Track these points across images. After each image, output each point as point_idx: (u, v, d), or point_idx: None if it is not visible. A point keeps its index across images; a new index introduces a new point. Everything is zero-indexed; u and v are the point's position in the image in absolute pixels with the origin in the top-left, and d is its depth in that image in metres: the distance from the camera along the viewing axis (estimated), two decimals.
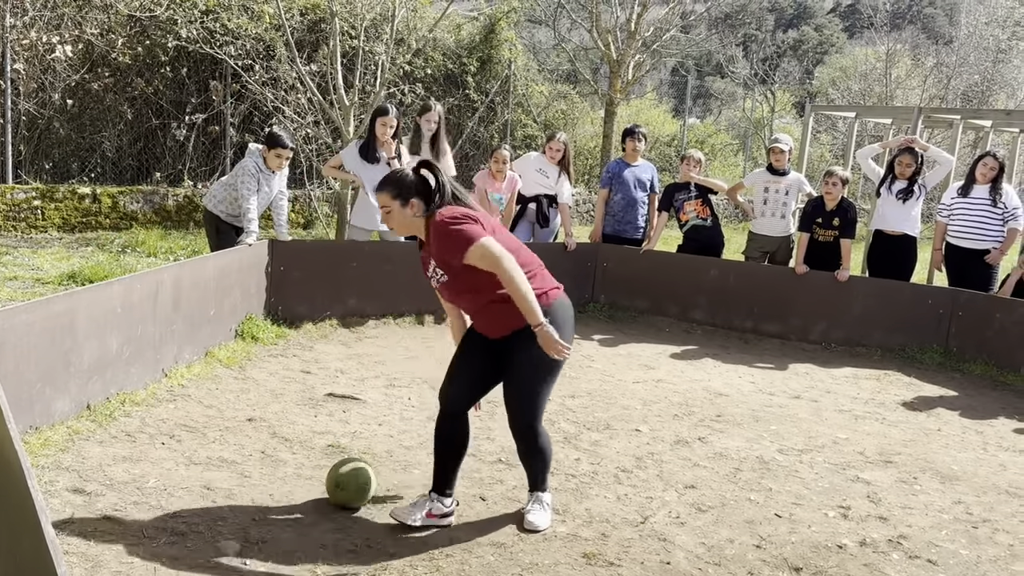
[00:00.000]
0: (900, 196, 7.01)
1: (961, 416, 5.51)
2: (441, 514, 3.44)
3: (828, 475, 4.30)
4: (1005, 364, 6.49)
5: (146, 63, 10.55)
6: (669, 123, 21.53)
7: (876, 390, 6.00)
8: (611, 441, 4.56)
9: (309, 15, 11.47)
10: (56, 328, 3.88)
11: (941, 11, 52.61)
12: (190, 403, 4.57)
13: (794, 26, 57.56)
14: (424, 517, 3.41)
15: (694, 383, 5.83)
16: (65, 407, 3.99)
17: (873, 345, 6.96)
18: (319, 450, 4.11)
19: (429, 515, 3.42)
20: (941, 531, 3.73)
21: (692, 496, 3.91)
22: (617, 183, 7.48)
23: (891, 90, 21.72)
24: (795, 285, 7.16)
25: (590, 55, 19.85)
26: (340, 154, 6.82)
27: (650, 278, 7.58)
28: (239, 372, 5.19)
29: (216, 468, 3.80)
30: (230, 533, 3.22)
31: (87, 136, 10.42)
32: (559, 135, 7.39)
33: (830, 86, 27.56)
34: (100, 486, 3.48)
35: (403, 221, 3.36)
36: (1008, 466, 4.62)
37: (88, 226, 9.92)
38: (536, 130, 15.28)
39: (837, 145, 21.80)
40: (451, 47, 13.80)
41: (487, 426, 4.62)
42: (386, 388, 5.19)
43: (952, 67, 22.43)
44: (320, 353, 5.84)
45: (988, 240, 6.85)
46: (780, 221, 7.36)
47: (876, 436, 4.97)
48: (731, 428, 4.93)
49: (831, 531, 3.64)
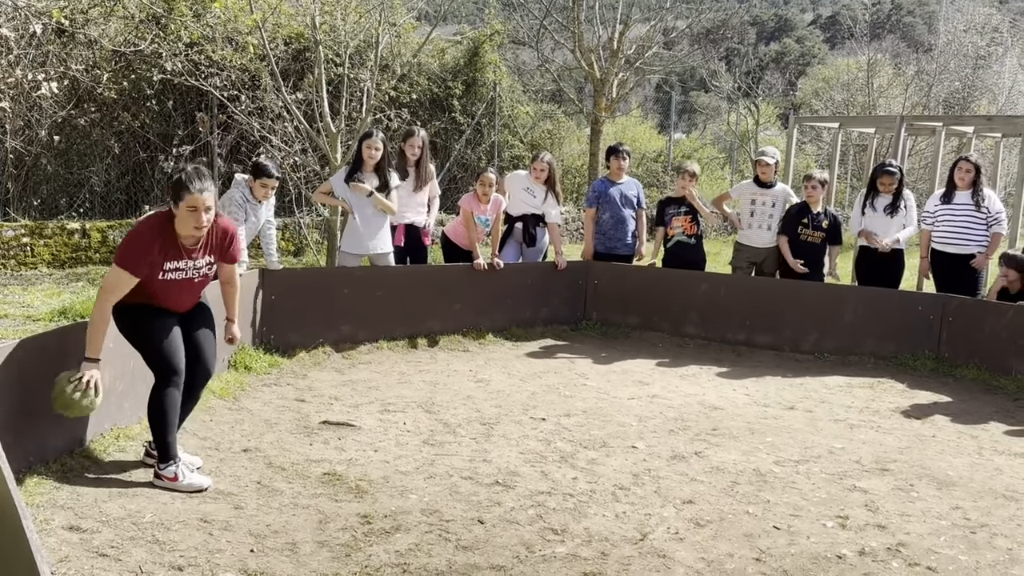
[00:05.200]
0: (887, 211, 7.05)
1: (955, 421, 5.53)
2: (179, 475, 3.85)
3: (825, 485, 4.30)
4: (997, 368, 6.52)
5: (132, 97, 10.58)
6: (655, 139, 21.67)
7: (870, 398, 6.02)
8: (608, 459, 4.56)
9: (293, 44, 11.53)
10: (48, 365, 3.86)
11: (920, 19, 53.24)
12: (185, 436, 4.54)
13: (776, 39, 58.12)
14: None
15: (689, 397, 5.84)
16: (59, 444, 3.98)
17: (866, 353, 6.99)
18: (315, 479, 4.10)
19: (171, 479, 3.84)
20: (940, 537, 3.73)
21: (690, 511, 3.91)
22: (604, 202, 7.52)
23: (874, 99, 21.93)
24: (786, 296, 7.19)
25: (574, 74, 19.97)
26: (330, 180, 6.85)
27: (641, 294, 7.61)
28: (233, 403, 5.18)
29: (212, 500, 3.79)
30: (228, 565, 3.20)
31: (75, 171, 10.43)
32: (543, 155, 7.44)
33: (813, 97, 27.81)
34: (96, 523, 3.46)
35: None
36: (1004, 470, 4.64)
37: (78, 261, 9.90)
38: (523, 150, 15.35)
39: (822, 156, 21.96)
40: (436, 71, 13.89)
41: (484, 449, 4.62)
42: (381, 414, 5.19)
43: (933, 75, 22.65)
44: (314, 381, 5.84)
45: (973, 245, 6.90)
46: (767, 232, 7.40)
47: (872, 444, 4.98)
48: (727, 441, 4.94)
49: (830, 541, 3.64)
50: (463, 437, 4.81)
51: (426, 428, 4.95)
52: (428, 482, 4.13)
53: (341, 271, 6.70)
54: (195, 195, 3.70)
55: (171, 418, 3.88)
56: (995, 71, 25.75)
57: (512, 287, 7.31)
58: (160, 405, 3.85)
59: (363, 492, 3.96)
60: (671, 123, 21.26)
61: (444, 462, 4.40)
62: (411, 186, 6.84)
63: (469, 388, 5.82)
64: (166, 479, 3.83)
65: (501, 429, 4.98)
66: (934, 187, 9.97)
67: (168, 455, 3.85)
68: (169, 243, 3.77)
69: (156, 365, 3.88)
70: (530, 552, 3.44)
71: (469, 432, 4.90)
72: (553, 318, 7.57)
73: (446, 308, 7.04)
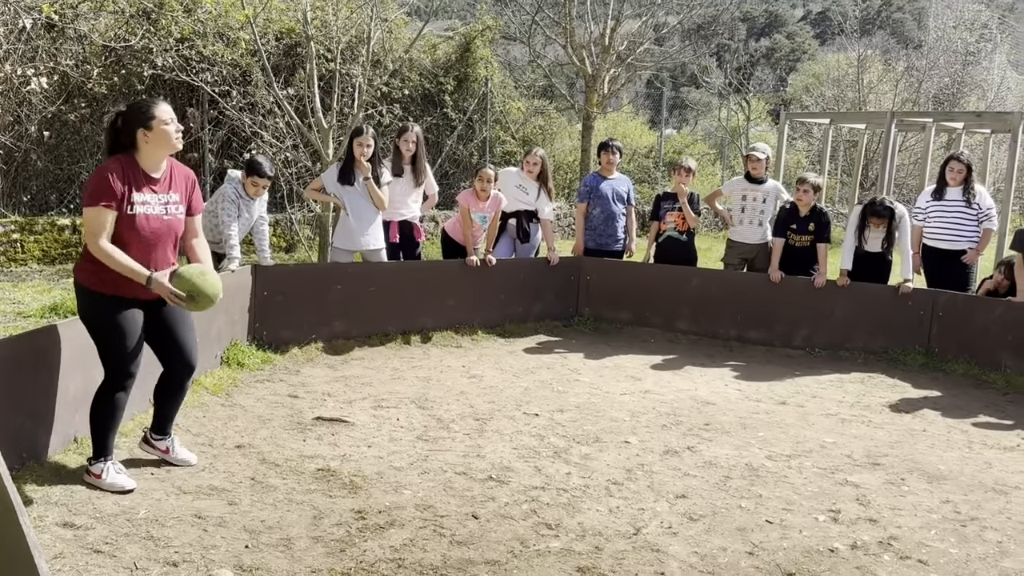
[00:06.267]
0: (883, 246, 7.00)
1: (945, 416, 5.57)
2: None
3: (817, 479, 4.33)
4: (986, 363, 6.56)
5: (122, 92, 10.53)
6: (646, 135, 21.68)
7: (861, 393, 6.05)
8: (601, 454, 4.57)
9: (285, 39, 11.50)
10: (40, 362, 3.86)
11: (910, 16, 53.39)
12: (178, 432, 4.52)
13: (766, 35, 58.20)
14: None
15: (681, 393, 5.86)
16: (52, 440, 3.97)
17: (856, 348, 7.02)
18: (309, 475, 4.10)
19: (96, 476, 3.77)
20: (930, 531, 3.76)
21: (683, 506, 3.93)
22: (595, 197, 7.53)
23: (864, 95, 21.99)
24: (777, 292, 7.21)
25: (565, 70, 19.97)
26: (321, 176, 6.84)
27: (633, 290, 7.62)
28: (226, 399, 5.18)
29: (206, 496, 3.79)
30: (223, 561, 3.21)
31: (65, 167, 10.38)
32: (536, 150, 7.44)
33: (804, 93, 27.87)
34: (90, 519, 3.46)
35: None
36: (993, 464, 4.68)
37: (69, 257, 9.86)
38: (515, 146, 15.35)
39: (813, 151, 22.02)
40: (427, 67, 13.87)
41: (477, 444, 4.63)
42: (374, 410, 5.19)
43: (923, 71, 22.74)
44: (307, 377, 5.83)
45: (964, 240, 6.94)
46: (758, 228, 7.43)
47: (863, 439, 5.02)
48: (719, 436, 4.96)
49: (822, 535, 3.67)
50: (456, 433, 4.82)
51: (419, 424, 4.96)
52: (422, 477, 4.14)
53: (334, 267, 6.70)
54: (164, 106, 3.69)
55: (113, 420, 3.80)
56: (984, 67, 25.87)
57: (505, 283, 7.32)
58: (103, 405, 3.76)
59: (357, 488, 3.96)
60: (662, 119, 21.27)
61: (438, 457, 4.41)
62: (406, 182, 6.84)
63: (462, 384, 5.83)
64: (92, 475, 3.76)
65: (494, 425, 4.99)
66: (924, 183, 10.02)
67: (101, 452, 3.78)
68: (131, 174, 3.64)
69: (110, 364, 3.76)
70: (524, 547, 3.45)
71: (462, 428, 4.91)
72: (545, 314, 7.58)
73: (439, 304, 7.04)
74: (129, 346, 3.74)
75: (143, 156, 3.70)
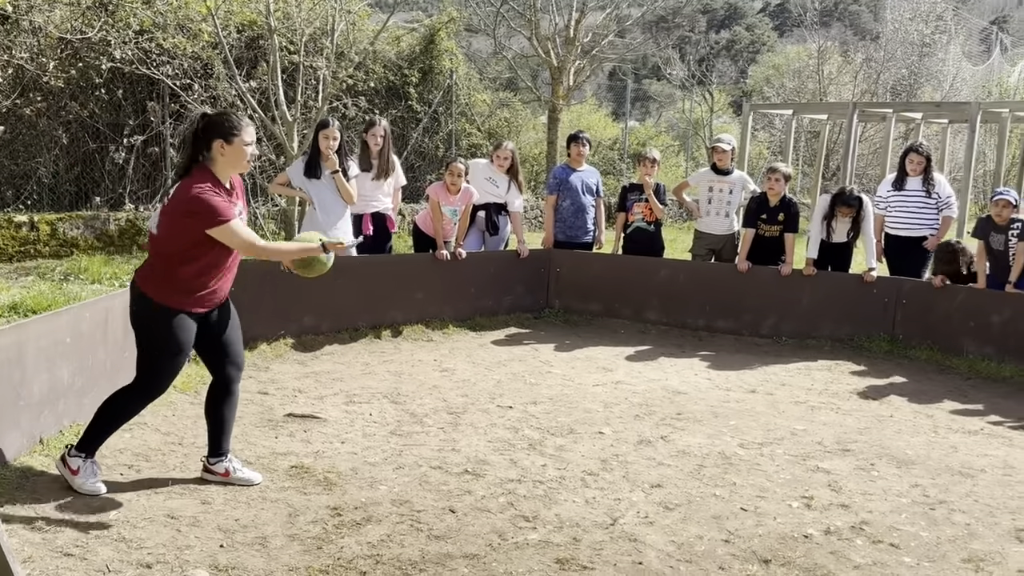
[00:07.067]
0: (849, 235, 7.11)
1: (911, 401, 5.67)
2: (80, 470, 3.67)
3: (789, 466, 4.38)
4: (949, 349, 6.69)
5: (80, 86, 10.31)
6: (610, 127, 21.75)
7: (829, 380, 6.13)
8: (575, 445, 4.58)
9: (247, 32, 11.33)
10: (3, 361, 3.77)
11: (866, 8, 54.13)
12: (147, 431, 4.47)
13: (726, 27, 58.64)
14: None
15: (652, 383, 5.89)
16: (17, 442, 3.88)
17: (823, 336, 7.11)
18: (283, 472, 4.06)
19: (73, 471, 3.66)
20: (901, 515, 3.83)
21: (659, 495, 3.95)
22: (565, 189, 7.53)
23: (824, 86, 22.25)
24: (744, 281, 7.28)
25: (529, 62, 19.96)
26: (287, 170, 6.76)
27: (603, 281, 7.65)
28: (195, 397, 5.10)
29: (179, 496, 3.73)
30: (198, 561, 3.16)
31: (21, 163, 10.14)
32: (506, 144, 7.41)
33: (765, 84, 28.13)
34: (59, 521, 3.39)
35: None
36: (959, 447, 4.77)
37: (27, 255, 9.65)
38: (481, 139, 15.30)
39: (775, 142, 22.25)
40: (392, 59, 13.76)
41: (452, 438, 4.62)
42: (346, 405, 5.15)
43: (881, 62, 23.07)
44: (276, 373, 5.77)
45: (925, 228, 7.07)
46: (725, 219, 7.49)
47: (832, 425, 5.09)
48: (692, 425, 5.00)
49: (796, 522, 3.71)
50: (430, 427, 4.80)
51: (393, 419, 4.93)
52: (397, 473, 4.11)
53: None
54: (251, 129, 3.62)
55: (117, 424, 3.74)
56: (940, 58, 26.33)
57: (475, 276, 7.30)
58: (119, 407, 3.68)
59: (332, 484, 3.93)
60: (627, 111, 21.35)
61: (412, 452, 4.39)
62: (374, 176, 6.78)
63: (434, 378, 5.80)
64: (68, 468, 3.65)
65: (468, 418, 4.97)
66: (885, 172, 10.18)
67: (87, 449, 3.67)
68: (219, 187, 3.59)
69: (149, 373, 3.64)
70: (503, 540, 3.45)
71: (436, 422, 4.89)
72: (516, 306, 7.57)
73: (409, 298, 7.00)
74: (177, 363, 3.67)
75: (217, 167, 3.60)
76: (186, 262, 3.56)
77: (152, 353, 3.62)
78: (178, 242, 3.54)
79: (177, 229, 3.52)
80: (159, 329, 3.58)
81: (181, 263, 3.56)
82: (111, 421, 3.70)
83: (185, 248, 3.53)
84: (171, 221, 3.54)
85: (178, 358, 3.66)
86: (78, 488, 3.63)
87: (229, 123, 3.57)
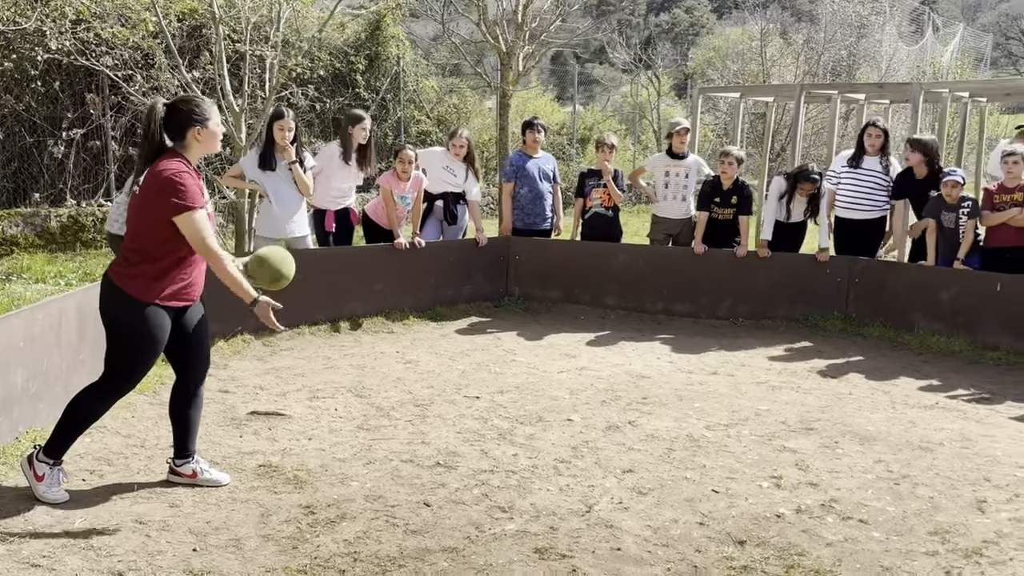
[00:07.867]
0: (806, 214, 7.21)
1: (868, 379, 5.79)
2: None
3: (756, 447, 4.45)
4: (901, 325, 6.85)
5: (14, 78, 9.94)
6: (556, 111, 21.74)
7: (787, 360, 6.24)
8: (545, 433, 4.59)
9: (188, 20, 11.04)
10: None
11: None
12: (107, 434, 4.35)
13: (665, 9, 58.97)
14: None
15: (616, 368, 5.92)
16: None
17: (779, 317, 7.23)
18: (251, 471, 3.99)
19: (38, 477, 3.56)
20: (867, 491, 3.91)
21: (631, 480, 3.98)
22: (522, 176, 7.51)
23: (767, 68, 22.52)
24: (701, 265, 7.35)
25: (477, 47, 19.81)
26: (239, 163, 6.62)
27: (561, 268, 7.66)
28: (154, 397, 4.98)
29: (145, 500, 3.64)
30: (171, 567, 3.09)
31: None
32: (461, 131, 7.35)
33: (707, 67, 28.37)
34: (23, 532, 3.28)
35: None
36: (917, 423, 4.89)
37: None
38: (430, 125, 15.18)
39: (719, 125, 22.49)
40: (338, 46, 13.55)
41: (421, 431, 4.59)
42: (310, 401, 5.08)
43: (821, 44, 23.42)
44: (236, 371, 5.66)
45: (877, 210, 7.19)
46: (681, 204, 7.55)
47: (794, 405, 5.17)
48: (658, 409, 5.04)
49: (767, 502, 3.77)
50: (398, 420, 4.76)
51: (359, 413, 4.88)
52: (368, 468, 4.07)
53: None
54: (213, 106, 3.55)
55: (85, 425, 3.62)
56: (876, 40, 26.82)
57: (434, 266, 7.25)
58: (87, 406, 3.57)
59: (302, 482, 3.88)
60: (574, 95, 21.36)
61: (382, 446, 4.35)
62: (354, 171, 6.74)
63: (398, 370, 5.75)
64: (33, 472, 3.53)
65: (436, 410, 4.95)
66: (831, 153, 10.34)
67: (54, 454, 3.56)
68: (196, 172, 3.50)
69: (120, 369, 3.54)
70: (480, 532, 3.44)
71: (403, 415, 4.85)
72: (476, 295, 7.55)
73: (367, 289, 6.93)
74: (149, 359, 3.56)
75: (192, 153, 3.50)
76: (166, 252, 3.46)
77: (127, 348, 3.52)
78: (156, 232, 3.42)
79: (153, 217, 3.40)
80: (136, 324, 3.47)
81: (160, 254, 3.45)
82: (80, 422, 3.59)
83: (164, 238, 3.42)
84: (146, 209, 3.42)
85: (153, 354, 3.56)
86: (40, 496, 3.52)
87: (200, 108, 3.49)
